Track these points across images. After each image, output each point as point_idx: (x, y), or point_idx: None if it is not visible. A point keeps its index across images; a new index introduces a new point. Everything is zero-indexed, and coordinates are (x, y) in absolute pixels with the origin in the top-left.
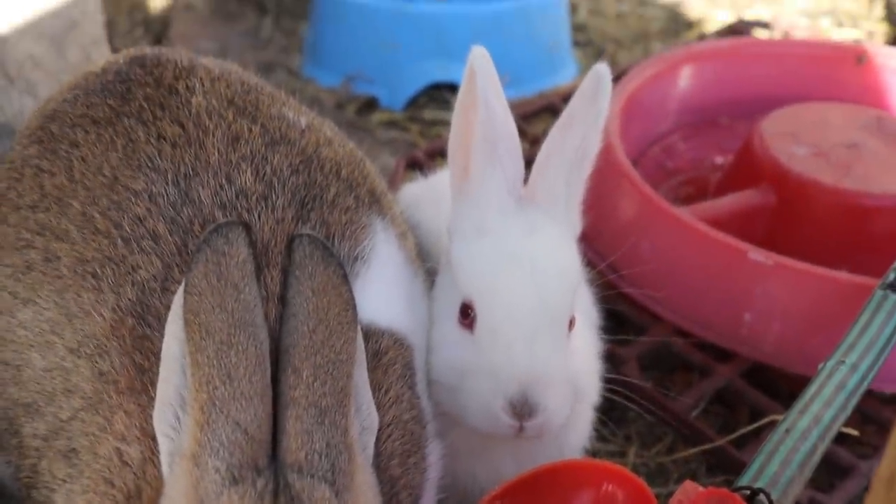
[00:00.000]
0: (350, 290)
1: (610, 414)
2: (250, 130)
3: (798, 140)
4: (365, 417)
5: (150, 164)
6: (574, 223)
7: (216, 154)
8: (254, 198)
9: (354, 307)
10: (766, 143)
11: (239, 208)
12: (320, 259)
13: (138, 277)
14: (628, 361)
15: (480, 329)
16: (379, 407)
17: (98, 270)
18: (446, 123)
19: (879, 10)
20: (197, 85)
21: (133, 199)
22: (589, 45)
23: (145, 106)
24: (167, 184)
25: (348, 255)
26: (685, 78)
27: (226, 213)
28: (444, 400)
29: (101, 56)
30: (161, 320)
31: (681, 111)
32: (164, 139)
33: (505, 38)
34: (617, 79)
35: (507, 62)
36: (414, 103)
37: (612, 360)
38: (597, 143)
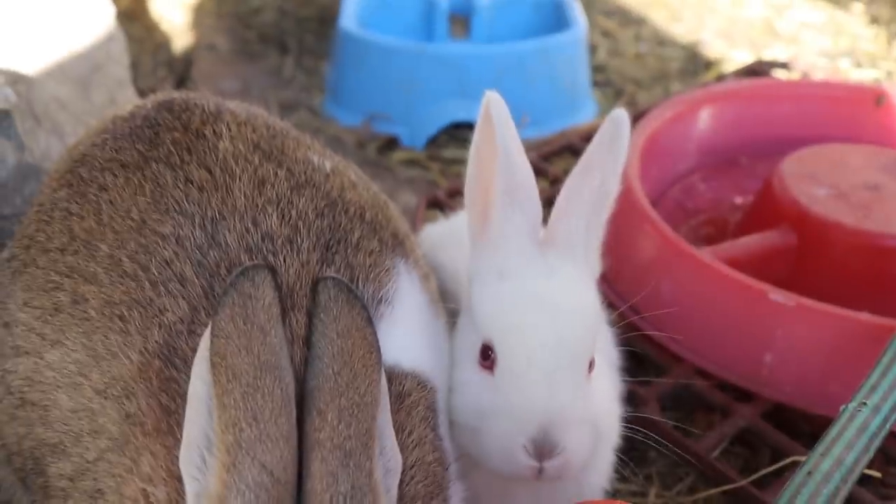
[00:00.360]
0: (374, 334)
1: (630, 454)
2: (276, 174)
3: (818, 181)
4: (388, 459)
5: (177, 208)
6: (593, 266)
7: (242, 198)
8: (279, 241)
9: (378, 350)
10: (786, 184)
11: (265, 251)
12: (345, 302)
13: (165, 320)
14: (649, 402)
15: (500, 370)
16: (402, 449)
17: (125, 313)
18: (466, 162)
19: None
20: (224, 130)
21: (160, 243)
22: (608, 85)
23: (173, 150)
24: (194, 227)
25: (372, 298)
26: (705, 119)
27: (252, 257)
28: (465, 442)
29: (126, 97)
30: (188, 363)
31: (700, 152)
32: (192, 183)
33: (525, 79)
34: (636, 119)
35: (527, 102)
36: (434, 142)
37: (632, 400)
38: (616, 186)
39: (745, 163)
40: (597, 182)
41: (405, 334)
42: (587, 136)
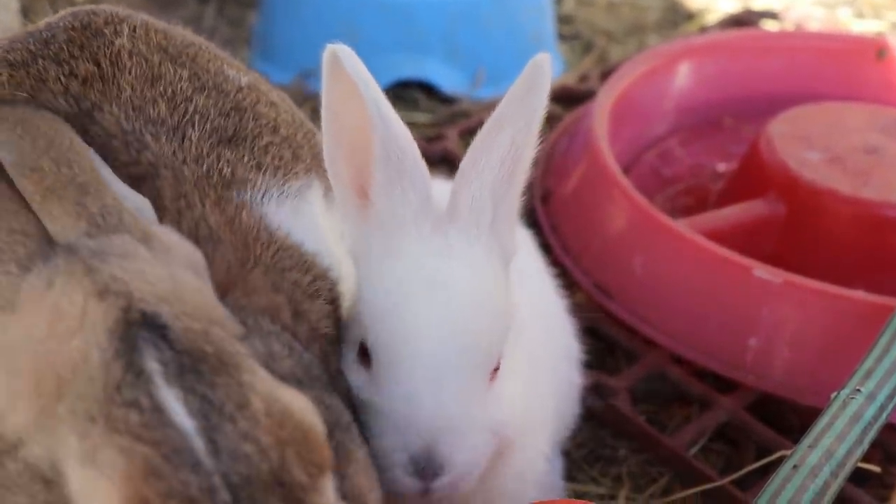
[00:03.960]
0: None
1: (599, 452)
2: (177, 74)
3: (811, 144)
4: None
5: (50, 105)
6: (506, 245)
7: (129, 90)
8: (164, 127)
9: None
10: (774, 148)
11: (142, 133)
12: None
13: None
14: (619, 393)
15: (376, 368)
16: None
17: None
18: (416, 125)
19: None
20: (126, 30)
21: None
22: (576, 38)
23: (64, 47)
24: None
25: (278, 189)
26: (684, 75)
27: (124, 139)
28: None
29: None
30: None
31: (679, 112)
32: (75, 77)
33: (482, 30)
34: (607, 76)
35: (483, 57)
36: None
37: (600, 391)
38: (531, 149)
39: (729, 124)
40: (506, 143)
41: (310, 224)
42: (552, 97)
